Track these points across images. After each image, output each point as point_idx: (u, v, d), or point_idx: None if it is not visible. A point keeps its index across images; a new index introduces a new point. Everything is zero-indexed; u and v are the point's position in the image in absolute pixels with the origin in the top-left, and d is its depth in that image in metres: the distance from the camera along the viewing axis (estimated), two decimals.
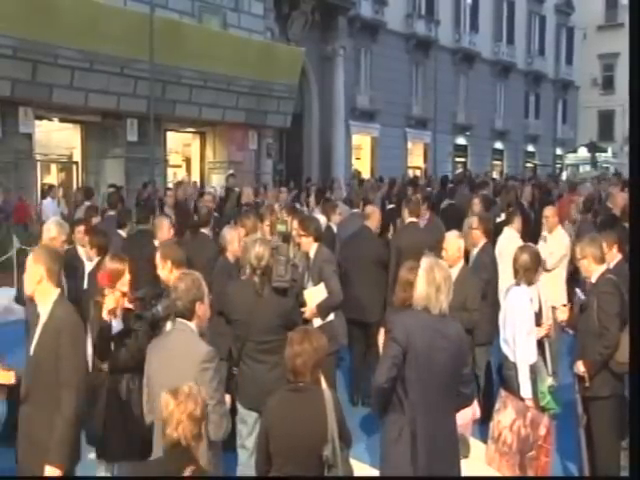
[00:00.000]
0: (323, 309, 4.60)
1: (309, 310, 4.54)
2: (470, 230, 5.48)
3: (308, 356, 2.59)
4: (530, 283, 4.03)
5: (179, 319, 2.89)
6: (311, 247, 4.78)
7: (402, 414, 2.89)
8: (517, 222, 6.30)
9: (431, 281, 2.97)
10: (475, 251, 5.41)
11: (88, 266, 4.97)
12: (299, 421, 2.53)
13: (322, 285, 4.59)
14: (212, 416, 2.64)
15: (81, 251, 5.22)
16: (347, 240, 6.11)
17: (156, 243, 5.06)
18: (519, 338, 3.92)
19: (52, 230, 4.72)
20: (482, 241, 5.39)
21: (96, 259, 4.79)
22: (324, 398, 2.57)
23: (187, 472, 2.14)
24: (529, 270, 4.02)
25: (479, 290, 4.76)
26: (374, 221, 6.02)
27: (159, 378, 2.81)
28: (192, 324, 2.86)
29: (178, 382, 2.64)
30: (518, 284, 4.05)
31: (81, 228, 5.35)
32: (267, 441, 2.62)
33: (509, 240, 6.13)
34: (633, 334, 2.90)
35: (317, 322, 4.64)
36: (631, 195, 3.46)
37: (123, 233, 6.19)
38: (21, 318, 6.92)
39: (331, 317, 4.69)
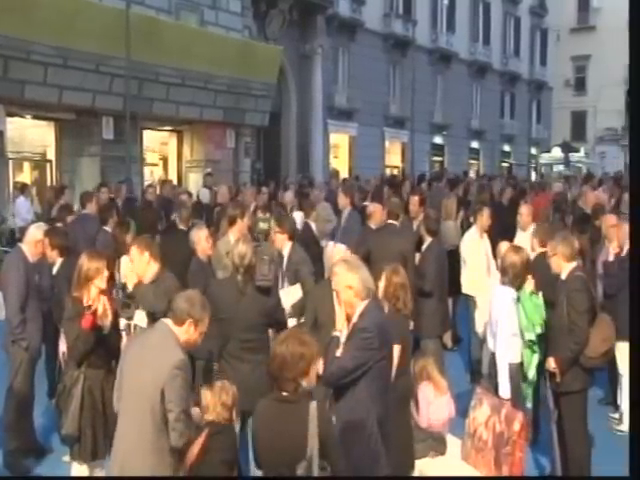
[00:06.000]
0: (298, 309, 4.62)
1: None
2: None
3: (289, 362, 2.41)
4: (516, 286, 4.06)
5: (162, 319, 2.88)
6: (284, 245, 4.79)
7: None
8: (482, 221, 6.30)
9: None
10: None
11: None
12: (278, 435, 2.36)
13: (298, 285, 4.61)
14: (177, 424, 2.63)
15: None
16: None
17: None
18: (501, 338, 3.96)
19: (37, 234, 4.65)
20: (427, 240, 5.52)
21: (59, 260, 4.76)
22: (308, 413, 2.36)
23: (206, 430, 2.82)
24: (517, 275, 4.02)
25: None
26: None
27: (131, 372, 2.81)
28: (175, 327, 2.83)
29: (148, 380, 2.66)
30: (504, 283, 4.09)
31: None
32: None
33: (469, 239, 6.29)
34: (633, 334, 2.94)
35: (292, 322, 4.67)
36: (631, 194, 3.54)
37: (109, 229, 6.24)
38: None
39: None
